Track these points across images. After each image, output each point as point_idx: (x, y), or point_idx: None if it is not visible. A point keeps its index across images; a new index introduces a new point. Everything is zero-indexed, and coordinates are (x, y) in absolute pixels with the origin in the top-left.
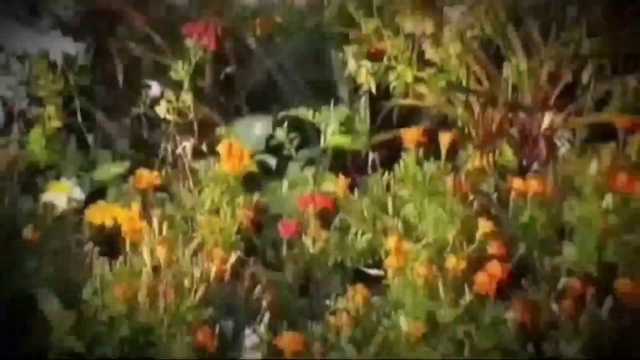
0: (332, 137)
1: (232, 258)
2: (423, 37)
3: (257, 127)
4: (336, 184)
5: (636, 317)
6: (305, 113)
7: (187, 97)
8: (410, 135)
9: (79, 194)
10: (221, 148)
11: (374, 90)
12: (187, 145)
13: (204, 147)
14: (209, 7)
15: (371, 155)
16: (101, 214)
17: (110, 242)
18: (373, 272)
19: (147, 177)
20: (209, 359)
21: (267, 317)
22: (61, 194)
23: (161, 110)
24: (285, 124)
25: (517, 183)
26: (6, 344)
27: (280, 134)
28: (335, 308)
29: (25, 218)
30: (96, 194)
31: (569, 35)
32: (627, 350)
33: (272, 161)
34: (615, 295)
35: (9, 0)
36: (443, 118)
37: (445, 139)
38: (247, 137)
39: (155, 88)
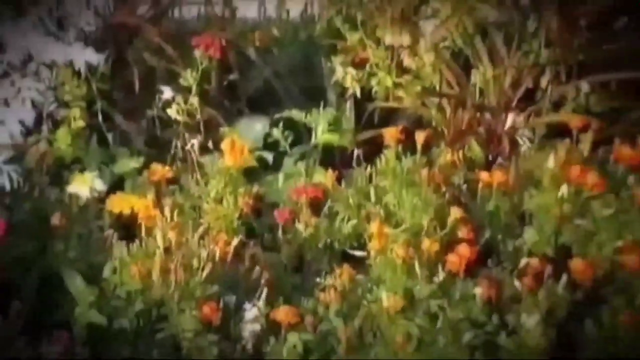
0: (321, 135)
1: (234, 241)
2: (401, 47)
3: (256, 127)
4: (325, 176)
5: (588, 292)
6: (298, 114)
7: (195, 101)
8: (390, 133)
9: (100, 186)
10: (225, 145)
11: (358, 94)
12: (195, 142)
13: (210, 144)
14: (214, 22)
15: (356, 151)
16: (120, 203)
17: (128, 228)
18: (358, 253)
19: (160, 170)
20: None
21: (265, 293)
22: (84, 186)
23: (172, 112)
24: (281, 124)
25: (483, 175)
26: (36, 317)
27: (277, 132)
28: (324, 285)
29: (53, 206)
30: (115, 185)
31: (529, 46)
32: (580, 321)
33: (269, 156)
34: (569, 273)
35: (40, 16)
36: (419, 118)
37: (420, 136)
38: (247, 135)
39: (167, 92)
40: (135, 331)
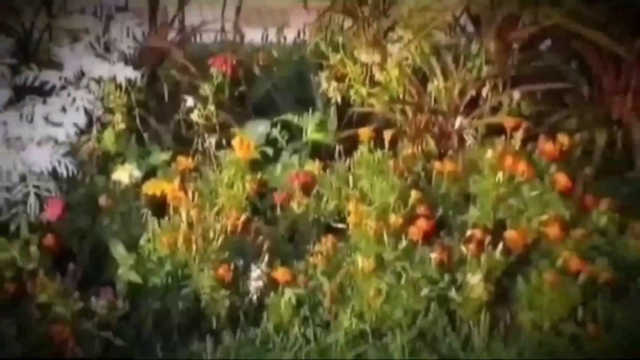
0: (311, 134)
1: (242, 217)
2: (373, 65)
3: (259, 127)
4: (314, 166)
5: (519, 256)
6: (292, 117)
7: (211, 107)
8: (364, 132)
9: (137, 174)
10: (235, 142)
11: (339, 101)
12: (212, 140)
13: (224, 141)
14: (227, 46)
15: (337, 147)
16: (153, 187)
17: (159, 207)
18: (339, 226)
19: (184, 162)
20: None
21: (266, 257)
22: (125, 174)
23: (194, 116)
24: (279, 125)
25: (437, 165)
26: (88, 276)
27: (276, 132)
28: (313, 251)
29: (101, 190)
30: (149, 173)
31: (472, 63)
32: (513, 278)
33: (270, 151)
34: (505, 241)
35: (90, 41)
36: (387, 120)
37: (388, 135)
38: (252, 134)
39: (190, 101)
40: (164, 287)
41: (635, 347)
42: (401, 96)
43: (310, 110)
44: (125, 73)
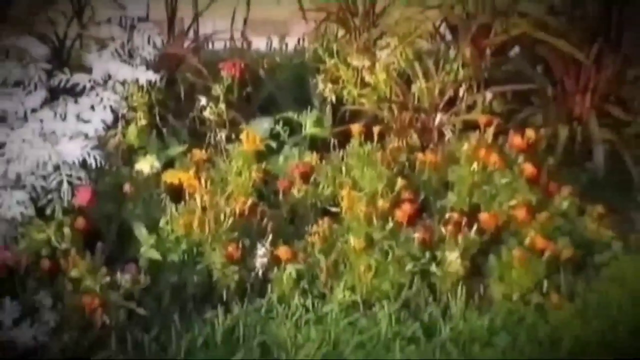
0: (309, 129)
1: (249, 202)
2: (363, 68)
3: (264, 124)
4: (312, 158)
5: (492, 236)
6: (293, 115)
7: (222, 106)
8: (356, 128)
9: (157, 164)
10: (243, 136)
11: (334, 100)
12: (223, 134)
13: (233, 136)
14: (236, 52)
15: (332, 140)
16: (171, 176)
17: (177, 193)
18: (334, 209)
19: (198, 154)
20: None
21: (270, 237)
22: (147, 164)
23: (207, 113)
24: (281, 122)
25: (420, 156)
26: (114, 255)
27: (278, 127)
28: (311, 231)
29: (125, 179)
30: (168, 164)
31: (450, 67)
32: (487, 254)
33: (273, 144)
34: (479, 223)
35: (116, 48)
36: (375, 117)
37: (376, 130)
38: (258, 129)
39: (203, 100)
40: (181, 264)
41: (593, 314)
42: (388, 96)
43: (309, 109)
44: (147, 76)
